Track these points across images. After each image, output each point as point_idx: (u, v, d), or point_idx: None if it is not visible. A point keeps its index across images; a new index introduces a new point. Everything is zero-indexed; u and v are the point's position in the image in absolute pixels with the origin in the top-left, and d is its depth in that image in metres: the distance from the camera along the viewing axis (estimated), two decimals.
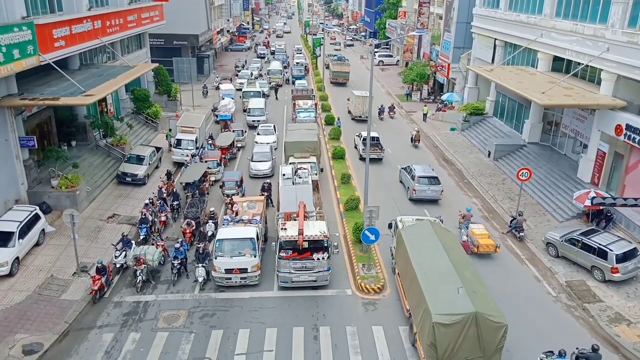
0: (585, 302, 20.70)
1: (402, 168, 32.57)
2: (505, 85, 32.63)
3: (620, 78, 27.31)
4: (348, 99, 50.55)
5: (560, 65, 34.38)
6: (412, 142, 40.64)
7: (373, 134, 35.70)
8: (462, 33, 49.75)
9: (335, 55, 75.69)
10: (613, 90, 27.95)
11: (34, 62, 24.41)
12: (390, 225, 23.76)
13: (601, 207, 25.44)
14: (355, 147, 38.60)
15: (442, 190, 29.90)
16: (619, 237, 23.17)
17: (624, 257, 21.41)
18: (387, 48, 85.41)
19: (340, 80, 62.66)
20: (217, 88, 51.49)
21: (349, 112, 49.26)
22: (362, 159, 35.78)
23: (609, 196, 25.34)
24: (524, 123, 37.62)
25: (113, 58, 38.80)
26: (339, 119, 44.90)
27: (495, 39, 42.44)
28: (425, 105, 51.33)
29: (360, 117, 46.75)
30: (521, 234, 25.73)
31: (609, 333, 18.98)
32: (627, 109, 26.77)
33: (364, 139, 35.61)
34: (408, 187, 30.83)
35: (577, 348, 16.87)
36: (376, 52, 69.28)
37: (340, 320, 19.49)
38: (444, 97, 50.90)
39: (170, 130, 38.73)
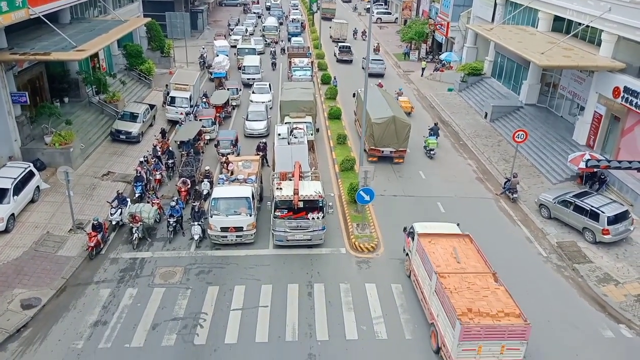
0: (575, 263, 21.09)
1: (363, 58, 50.66)
2: (505, 45, 32.16)
3: (621, 39, 26.95)
4: (330, 27, 65.03)
5: (560, 25, 33.84)
6: (374, 51, 54.62)
7: (347, 44, 56.13)
8: None
9: None
10: (613, 52, 27.65)
11: (23, 15, 23.74)
12: (354, 95, 36.07)
13: (595, 170, 25.55)
14: (335, 55, 54.79)
15: (385, 67, 48.69)
16: (611, 199, 23.40)
17: (615, 219, 21.69)
18: (384, 4, 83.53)
19: (328, 15, 73.57)
20: (202, 58, 48.27)
21: (330, 36, 63.41)
22: (338, 61, 53.62)
23: (604, 159, 25.42)
24: (521, 84, 37.31)
25: (104, 12, 37.84)
26: (335, 78, 44.35)
27: None
28: (423, 61, 51.24)
29: (338, 39, 61.83)
30: (514, 195, 25.92)
31: (597, 293, 19.43)
32: (626, 71, 26.55)
33: (340, 47, 54.48)
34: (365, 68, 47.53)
35: (428, 126, 32.60)
36: (370, 8, 70.69)
37: (334, 278, 19.82)
38: (442, 56, 50.24)
39: (167, 85, 38.25)
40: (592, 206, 22.22)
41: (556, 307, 18.63)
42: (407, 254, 19.96)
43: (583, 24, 29.38)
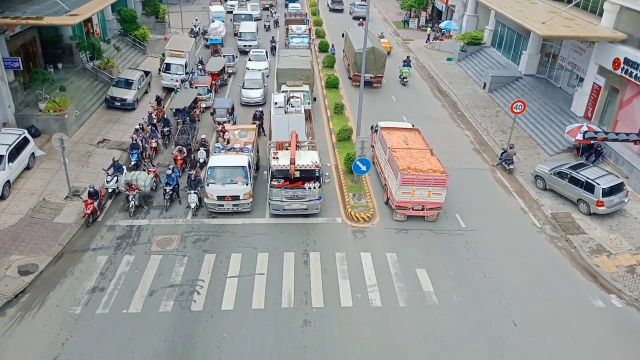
0: (569, 234, 21.28)
1: (350, 4, 60.92)
2: (505, 13, 31.70)
3: (623, 9, 26.55)
4: None
5: None
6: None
7: None
8: None
9: None
10: (614, 23, 27.27)
11: None
12: (343, 35, 42.08)
13: (592, 142, 25.56)
14: (327, 5, 64.71)
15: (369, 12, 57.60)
16: (607, 171, 23.46)
17: (610, 191, 21.79)
18: None
19: None
20: (192, 33, 45.98)
21: None
22: (331, 10, 63.21)
23: (601, 131, 25.40)
24: (521, 54, 36.93)
25: None
26: (333, 46, 43.78)
27: None
28: (428, 28, 51.42)
29: None
30: (511, 166, 25.96)
31: (589, 263, 19.68)
32: (627, 42, 26.24)
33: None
34: (352, 12, 59.10)
35: (402, 59, 39.31)
36: None
37: (329, 247, 19.97)
38: (442, 25, 49.55)
39: (164, 54, 37.69)
40: (587, 178, 22.29)
41: (548, 277, 18.89)
42: (372, 147, 25.73)
43: None
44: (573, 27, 28.02)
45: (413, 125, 26.26)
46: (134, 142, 24.74)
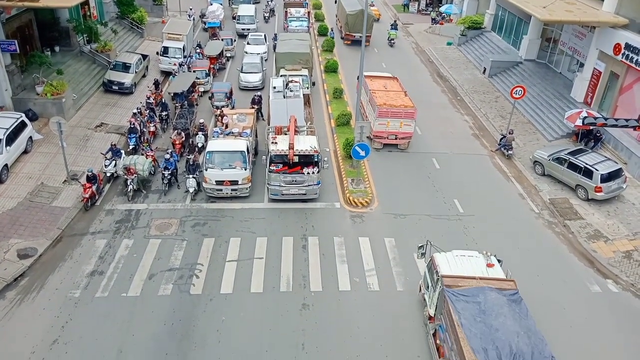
0: (567, 219, 21.34)
1: None
2: None
3: None
4: None
5: None
6: None
7: None
8: None
9: None
10: (616, 7, 27.04)
11: None
12: (335, 1, 47.95)
13: (591, 127, 25.49)
14: None
15: None
16: (605, 157, 23.45)
17: (608, 177, 21.80)
18: None
19: None
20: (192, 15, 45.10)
21: None
22: None
23: (601, 116, 25.32)
24: (522, 39, 36.67)
25: None
26: (332, 30, 43.46)
27: None
28: (432, 12, 51.02)
29: None
30: (510, 152, 25.93)
31: (586, 249, 19.76)
32: (628, 27, 26.05)
33: None
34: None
35: (390, 23, 44.36)
36: None
37: (328, 231, 20.03)
38: (442, 8, 49.15)
39: None
40: (586, 164, 22.28)
41: (546, 262, 18.99)
42: (358, 93, 28.20)
43: None
44: (574, 12, 27.79)
45: (393, 76, 29.95)
46: (132, 126, 24.64)
